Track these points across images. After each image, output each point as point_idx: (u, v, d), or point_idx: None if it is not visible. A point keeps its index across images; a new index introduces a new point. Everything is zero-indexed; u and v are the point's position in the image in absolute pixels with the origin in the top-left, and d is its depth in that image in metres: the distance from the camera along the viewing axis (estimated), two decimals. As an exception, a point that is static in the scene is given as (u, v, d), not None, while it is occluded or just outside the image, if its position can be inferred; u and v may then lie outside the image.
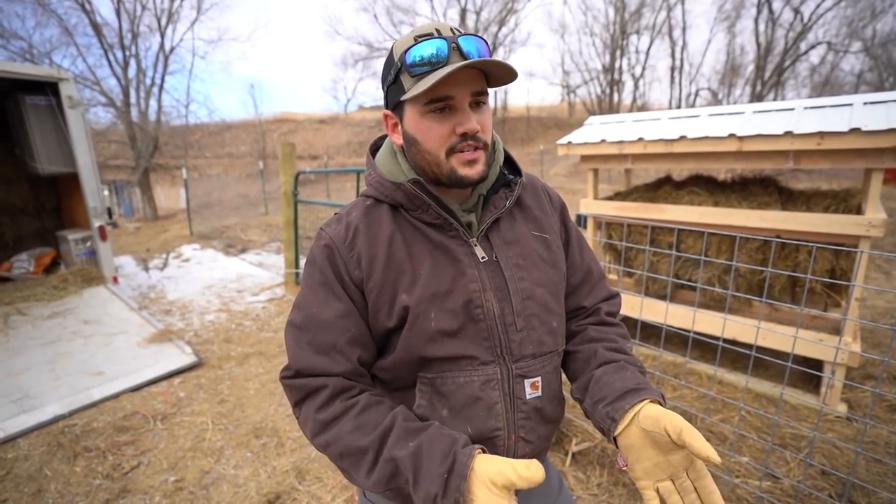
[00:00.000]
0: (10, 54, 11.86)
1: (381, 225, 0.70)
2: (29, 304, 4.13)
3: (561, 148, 3.05)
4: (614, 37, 22.69)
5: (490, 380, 0.68)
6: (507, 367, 0.69)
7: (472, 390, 0.67)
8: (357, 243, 0.68)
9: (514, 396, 0.69)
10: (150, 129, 12.92)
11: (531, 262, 0.72)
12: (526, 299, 0.70)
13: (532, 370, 0.70)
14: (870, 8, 18.14)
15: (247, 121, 26.62)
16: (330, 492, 1.90)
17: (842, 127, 2.03)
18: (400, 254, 0.68)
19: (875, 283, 4.16)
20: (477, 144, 0.66)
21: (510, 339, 0.68)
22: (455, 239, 0.69)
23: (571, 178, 14.88)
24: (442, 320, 0.66)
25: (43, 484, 1.98)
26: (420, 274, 0.67)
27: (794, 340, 1.47)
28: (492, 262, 0.70)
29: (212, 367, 3.08)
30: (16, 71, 4.13)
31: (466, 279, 0.68)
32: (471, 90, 0.63)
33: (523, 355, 0.69)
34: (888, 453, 1.91)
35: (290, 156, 4.40)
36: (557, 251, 0.77)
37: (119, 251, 7.34)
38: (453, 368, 0.68)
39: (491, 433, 0.68)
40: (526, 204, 0.77)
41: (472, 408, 0.67)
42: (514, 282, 0.70)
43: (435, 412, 0.69)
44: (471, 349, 0.67)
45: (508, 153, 0.78)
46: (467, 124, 0.63)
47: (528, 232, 0.74)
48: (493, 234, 0.72)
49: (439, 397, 0.68)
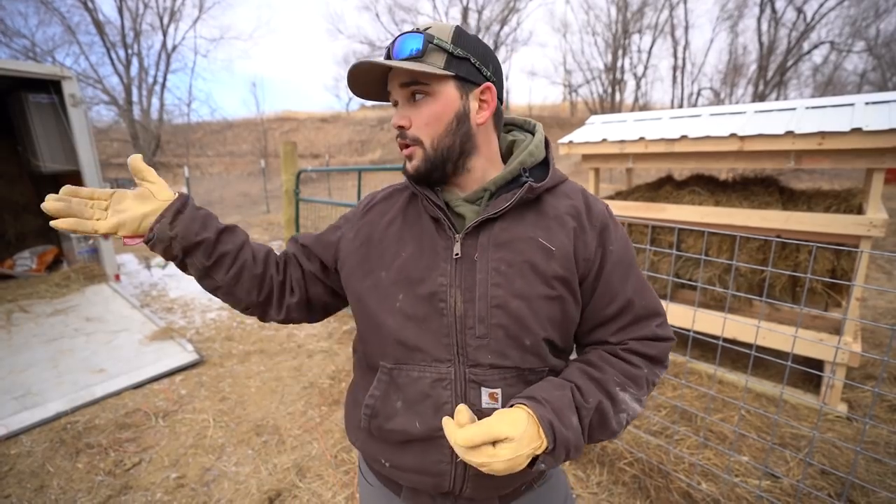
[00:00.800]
0: (13, 52, 11.92)
1: (393, 206, 0.77)
2: (31, 302, 4.15)
3: (562, 147, 3.05)
4: (616, 36, 22.65)
5: (442, 379, 0.67)
6: (461, 370, 0.67)
7: (423, 386, 0.67)
8: (367, 216, 0.78)
9: (469, 401, 0.66)
10: (152, 128, 12.96)
11: (517, 271, 0.66)
12: (495, 307, 0.66)
13: (490, 380, 0.66)
14: (873, 7, 18.07)
15: (249, 119, 26.64)
16: (331, 489, 1.91)
17: (843, 127, 2.03)
18: (393, 234, 0.73)
19: (876, 283, 4.15)
20: (405, 141, 0.68)
21: (467, 342, 0.66)
22: (442, 232, 0.70)
23: (573, 177, 14.79)
24: (407, 303, 0.68)
25: (45, 480, 2.00)
26: (401, 256, 0.70)
27: (793, 340, 1.47)
28: (469, 261, 0.67)
29: (213, 365, 3.09)
30: (19, 69, 4.14)
31: (437, 272, 0.68)
32: (398, 83, 0.67)
33: (479, 362, 0.66)
34: (888, 453, 1.91)
35: (291, 154, 4.41)
36: (559, 268, 0.67)
37: (121, 249, 7.37)
38: (409, 361, 0.68)
39: (437, 433, 0.66)
40: (545, 210, 0.70)
41: (422, 404, 0.67)
42: (486, 286, 0.66)
43: (388, 403, 0.70)
44: (429, 343, 0.67)
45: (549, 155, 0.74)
46: (394, 119, 0.68)
47: (530, 238, 0.68)
48: (483, 232, 0.68)
49: (396, 388, 0.70)
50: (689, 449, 1.96)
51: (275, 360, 3.15)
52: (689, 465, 1.83)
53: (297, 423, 2.39)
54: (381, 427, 0.70)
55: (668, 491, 1.72)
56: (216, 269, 0.73)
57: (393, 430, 0.69)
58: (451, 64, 0.65)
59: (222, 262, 0.73)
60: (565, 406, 0.61)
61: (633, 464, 1.87)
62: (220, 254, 0.73)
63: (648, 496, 1.74)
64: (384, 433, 0.71)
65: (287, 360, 3.15)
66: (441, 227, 0.70)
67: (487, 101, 0.69)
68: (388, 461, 0.72)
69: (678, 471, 1.79)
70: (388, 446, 0.72)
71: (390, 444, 0.72)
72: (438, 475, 0.68)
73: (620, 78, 23.53)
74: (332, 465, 2.06)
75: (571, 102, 28.41)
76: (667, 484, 1.74)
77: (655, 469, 1.81)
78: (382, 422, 0.70)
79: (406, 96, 0.67)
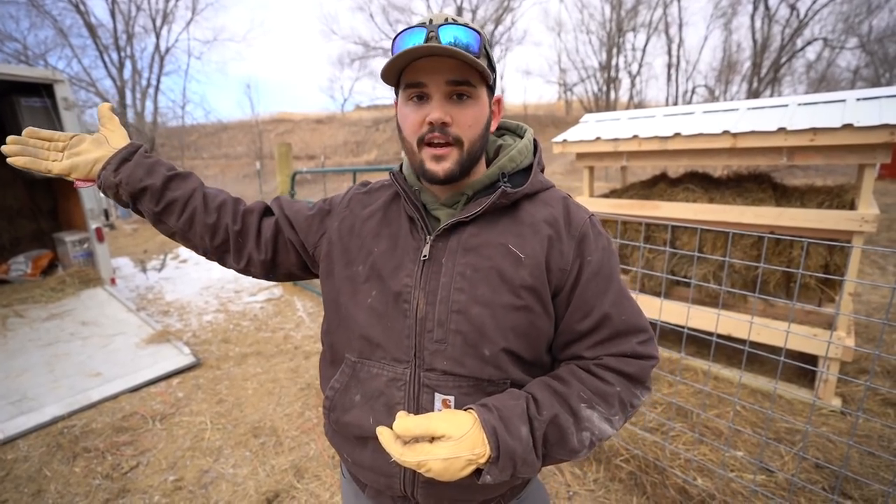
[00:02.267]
0: (4, 56, 11.83)
1: (377, 202, 0.77)
2: (27, 306, 4.13)
3: (556, 146, 3.06)
4: (611, 34, 22.70)
5: (397, 379, 0.66)
6: (417, 373, 0.66)
7: (379, 383, 0.68)
8: (349, 207, 0.79)
9: (420, 406, 0.65)
10: (146, 131, 12.90)
11: (482, 277, 0.64)
12: (455, 312, 0.64)
13: (443, 386, 0.65)
14: (865, 4, 18.18)
15: (243, 121, 26.57)
16: (328, 489, 1.91)
17: (834, 123, 2.05)
18: (371, 228, 0.73)
19: (870, 279, 4.18)
20: (446, 138, 0.62)
21: (424, 345, 0.65)
22: (417, 233, 0.70)
23: (568, 175, 14.89)
24: (378, 300, 0.69)
25: (42, 484, 1.99)
26: (374, 252, 0.71)
27: (786, 336, 1.48)
28: (436, 263, 0.66)
29: (210, 368, 3.09)
30: (10, 73, 4.12)
31: (404, 272, 0.68)
32: (444, 80, 0.61)
33: (434, 367, 0.65)
34: (881, 446, 1.93)
35: (286, 156, 4.40)
36: (528, 277, 0.64)
37: (116, 252, 7.33)
38: (371, 356, 0.69)
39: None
40: (521, 217, 0.68)
41: (377, 401, 0.68)
42: (448, 290, 0.65)
43: (348, 395, 0.70)
44: (390, 341, 0.67)
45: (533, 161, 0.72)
46: (433, 113, 0.61)
47: (500, 244, 0.65)
48: (454, 236, 0.67)
49: (357, 382, 0.70)
50: (685, 445, 1.97)
51: (272, 362, 3.14)
52: (685, 461, 1.84)
53: (295, 425, 2.39)
54: (339, 420, 0.71)
55: (664, 487, 1.73)
56: (166, 215, 0.76)
57: (349, 424, 0.69)
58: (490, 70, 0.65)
59: (172, 208, 0.76)
60: (515, 415, 0.57)
61: (629, 460, 1.88)
62: (169, 200, 0.76)
63: (645, 492, 1.76)
64: (341, 426, 0.71)
65: (284, 361, 3.15)
66: (415, 227, 0.70)
67: (495, 112, 0.71)
68: (349, 457, 0.73)
69: (674, 467, 1.81)
70: (348, 442, 0.72)
71: (349, 439, 0.72)
72: (389, 475, 0.68)
73: (615, 76, 23.59)
74: (329, 465, 2.06)
75: (567, 101, 28.45)
76: (663, 480, 1.75)
77: (651, 465, 1.82)
78: (340, 414, 0.71)
79: (448, 93, 0.62)
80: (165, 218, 0.76)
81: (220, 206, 0.79)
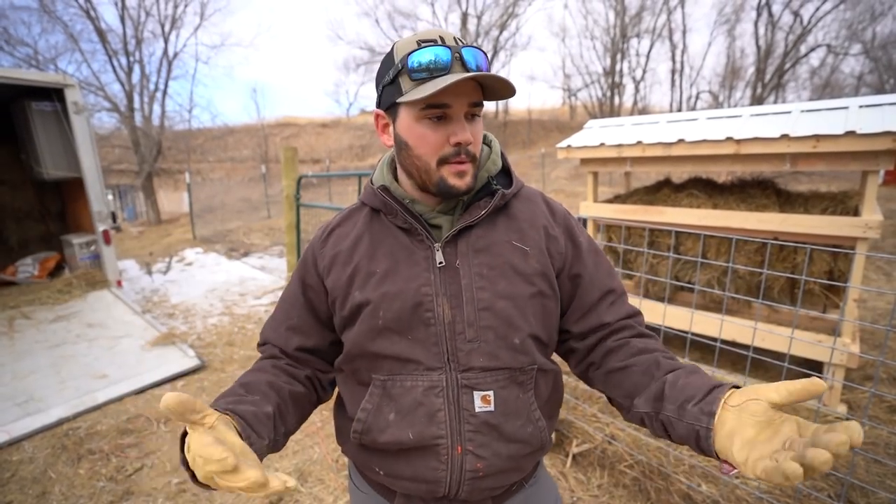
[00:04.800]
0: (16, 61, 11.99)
1: (355, 226, 0.76)
2: (34, 308, 4.17)
3: (560, 151, 3.08)
4: (615, 40, 22.77)
5: (434, 386, 0.67)
6: (453, 376, 0.67)
7: (415, 395, 0.68)
8: (328, 241, 0.77)
9: (461, 407, 0.67)
10: (153, 134, 13.02)
11: (499, 273, 0.69)
12: (483, 310, 0.68)
13: (482, 383, 0.67)
14: (869, 10, 18.18)
15: (249, 125, 26.77)
16: (332, 493, 1.91)
17: (837, 130, 2.05)
18: (362, 253, 0.72)
19: (875, 285, 4.15)
20: (468, 158, 0.66)
21: (458, 347, 0.67)
22: (420, 243, 0.70)
23: (573, 180, 14.90)
24: (390, 319, 0.68)
25: (47, 486, 2.00)
26: (376, 273, 0.70)
27: (790, 341, 1.48)
28: (451, 269, 0.69)
29: (215, 370, 3.10)
30: (22, 77, 4.19)
31: (419, 282, 0.68)
32: (468, 101, 0.64)
33: (471, 366, 0.67)
34: (888, 454, 1.92)
35: (292, 160, 4.44)
36: (537, 265, 0.71)
37: (123, 255, 7.39)
38: (402, 371, 0.68)
39: (432, 440, 0.67)
40: (514, 214, 0.74)
41: (415, 413, 0.68)
42: (472, 290, 0.68)
43: (381, 416, 0.69)
44: (419, 353, 0.67)
45: (506, 163, 0.77)
46: (462, 135, 0.63)
47: (505, 241, 0.71)
48: (462, 240, 0.70)
49: (389, 400, 0.69)
50: (689, 451, 1.97)
51: (276, 365, 3.16)
52: (689, 467, 1.84)
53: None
54: (375, 441, 0.70)
55: (668, 493, 1.72)
56: (289, 431, 0.72)
57: (388, 443, 0.69)
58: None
59: (288, 435, 0.73)
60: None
61: (633, 466, 1.87)
62: (284, 433, 0.70)
63: (649, 498, 1.75)
64: (378, 446, 0.70)
65: (288, 364, 3.16)
66: (416, 237, 0.70)
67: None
68: (382, 469, 0.72)
69: (678, 472, 1.80)
70: (381, 457, 0.72)
71: (383, 454, 0.72)
72: (434, 482, 0.69)
73: (619, 82, 23.64)
74: (333, 469, 2.06)
75: (571, 106, 28.52)
76: (667, 486, 1.75)
77: (656, 471, 1.81)
78: (376, 436, 0.70)
79: (467, 113, 0.65)
80: (289, 431, 0.72)
81: (298, 397, 0.74)
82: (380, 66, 0.69)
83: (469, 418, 0.67)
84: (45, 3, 11.85)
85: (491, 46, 22.61)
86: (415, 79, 0.62)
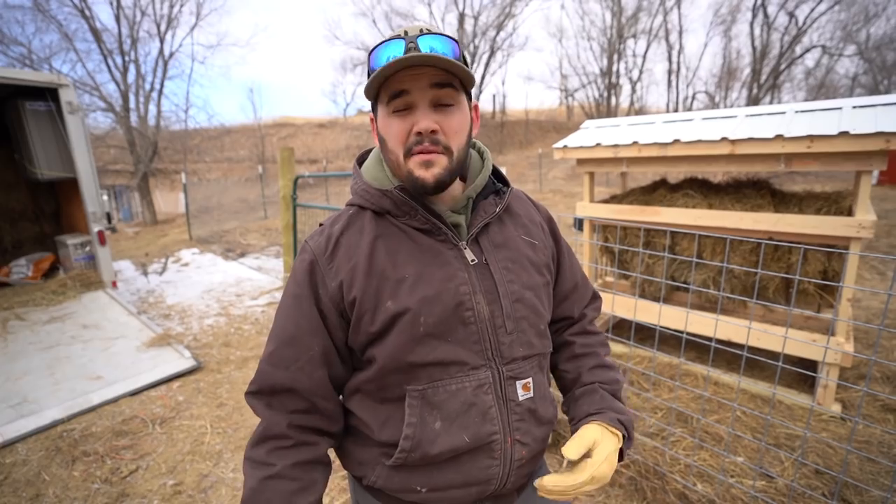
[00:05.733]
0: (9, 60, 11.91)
1: (363, 233, 0.70)
2: (28, 309, 4.14)
3: (557, 152, 3.08)
4: (611, 41, 22.84)
5: (482, 384, 0.67)
6: (498, 370, 0.68)
7: (465, 396, 0.66)
8: (338, 254, 0.69)
9: (508, 399, 0.69)
10: (149, 134, 12.95)
11: (520, 266, 0.73)
12: (515, 301, 0.70)
13: (523, 372, 0.70)
14: (863, 12, 18.32)
15: (246, 125, 26.68)
16: (328, 494, 1.91)
17: (831, 130, 2.06)
18: (382, 261, 0.67)
19: (870, 284, 4.18)
20: (434, 147, 0.63)
21: (500, 341, 0.68)
22: (444, 243, 0.69)
23: (570, 181, 14.94)
24: (432, 324, 0.65)
25: (41, 488, 1.99)
26: (406, 279, 0.66)
27: (783, 341, 1.49)
28: (481, 265, 0.70)
29: (211, 371, 3.09)
30: (16, 77, 4.16)
31: (457, 282, 0.67)
32: (430, 83, 0.62)
33: (514, 357, 0.70)
34: (881, 452, 1.93)
35: (289, 160, 4.42)
36: (543, 257, 0.78)
37: (118, 256, 7.35)
38: (444, 376, 0.66)
39: (488, 438, 0.67)
40: (515, 211, 0.79)
41: (467, 414, 0.67)
42: (504, 284, 0.70)
43: (426, 428, 0.66)
44: (461, 354, 0.67)
45: (496, 167, 0.80)
46: (421, 123, 0.62)
47: (517, 236, 0.75)
48: (482, 237, 0.72)
49: (431, 409, 0.66)
50: (685, 450, 1.97)
51: (272, 366, 3.14)
52: (685, 466, 1.84)
53: (295, 429, 2.39)
54: (427, 454, 0.66)
55: (664, 492, 1.73)
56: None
57: (441, 453, 0.66)
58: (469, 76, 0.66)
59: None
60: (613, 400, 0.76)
61: (629, 466, 1.88)
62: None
63: (645, 498, 1.75)
64: (428, 459, 0.67)
65: (284, 365, 3.15)
66: (440, 238, 0.69)
67: (474, 118, 0.72)
68: (426, 486, 0.69)
69: (674, 472, 1.81)
70: (427, 471, 0.68)
71: (430, 466, 0.68)
72: (485, 481, 0.69)
73: (616, 82, 23.72)
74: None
75: (568, 106, 28.61)
76: (663, 485, 1.75)
77: (651, 471, 1.82)
78: (427, 449, 0.66)
79: (432, 100, 0.63)
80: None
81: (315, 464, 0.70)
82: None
83: (515, 408, 0.70)
84: (39, 2, 11.77)
85: (488, 47, 22.62)
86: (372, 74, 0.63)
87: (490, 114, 26.67)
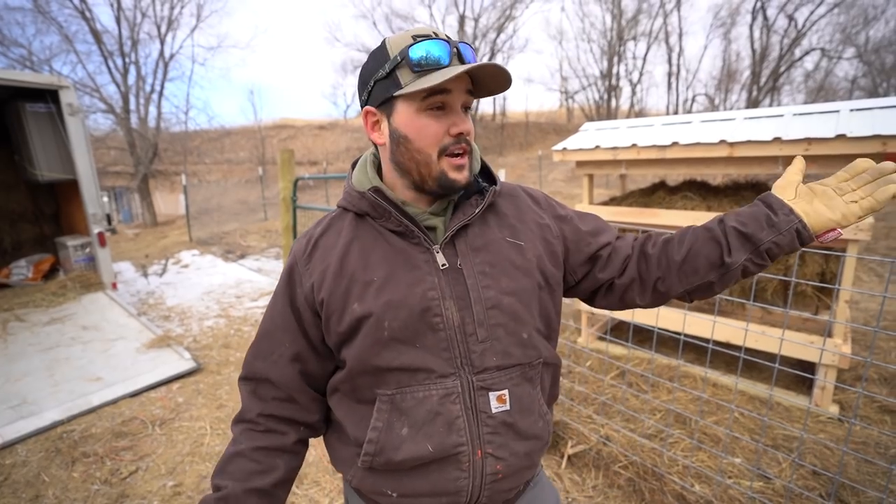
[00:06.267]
0: (10, 62, 11.94)
1: (341, 235, 0.71)
2: (28, 311, 4.14)
3: (557, 154, 3.09)
4: (611, 43, 22.90)
5: (450, 393, 0.65)
6: (468, 380, 0.66)
7: (430, 405, 0.65)
8: (314, 255, 0.71)
9: (478, 410, 0.66)
10: (149, 136, 12.97)
11: (500, 270, 0.68)
12: (490, 308, 0.67)
13: (497, 383, 0.66)
14: (862, 15, 18.38)
15: (246, 127, 26.73)
16: (327, 496, 1.91)
17: (828, 133, 2.08)
18: (354, 262, 0.68)
19: (867, 286, 4.19)
20: (467, 147, 0.67)
21: (471, 349, 0.66)
22: (417, 246, 0.68)
23: (570, 182, 14.95)
24: (397, 328, 0.65)
25: (41, 490, 1.99)
26: (374, 282, 0.66)
27: (780, 343, 1.50)
28: (454, 270, 0.67)
29: (210, 373, 3.09)
30: (16, 78, 4.17)
31: (424, 286, 0.65)
32: (465, 95, 0.65)
33: (486, 367, 0.66)
34: (878, 453, 1.94)
35: (289, 162, 4.43)
36: (533, 259, 0.72)
37: (118, 257, 7.36)
38: (412, 382, 0.65)
39: (453, 449, 0.65)
40: (502, 211, 0.74)
41: (432, 424, 0.65)
42: (478, 290, 0.67)
43: (392, 433, 0.66)
44: (429, 361, 0.65)
45: (484, 162, 0.78)
46: (462, 125, 0.64)
47: (500, 238, 0.71)
48: (459, 240, 0.69)
49: (399, 415, 0.66)
50: (683, 451, 1.98)
51: (272, 367, 3.15)
52: (683, 468, 1.85)
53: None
54: (391, 460, 0.66)
55: (662, 493, 1.73)
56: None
57: (403, 461, 0.66)
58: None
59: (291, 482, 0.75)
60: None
61: (627, 467, 1.88)
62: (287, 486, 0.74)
63: (643, 499, 1.76)
64: (392, 465, 0.67)
65: (284, 366, 3.16)
66: (412, 240, 0.68)
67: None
68: (396, 491, 0.68)
69: (672, 473, 1.81)
70: (396, 476, 0.68)
71: (397, 474, 0.68)
72: (455, 492, 0.67)
73: (616, 84, 23.76)
74: (328, 471, 2.06)
75: (568, 109, 28.63)
76: (661, 486, 1.76)
77: (650, 472, 1.82)
78: (391, 455, 0.66)
79: (464, 104, 0.66)
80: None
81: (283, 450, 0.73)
82: (367, 62, 0.67)
83: (486, 420, 0.66)
84: (39, 4, 11.82)
85: (488, 49, 22.67)
86: (416, 71, 0.61)
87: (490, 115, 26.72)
